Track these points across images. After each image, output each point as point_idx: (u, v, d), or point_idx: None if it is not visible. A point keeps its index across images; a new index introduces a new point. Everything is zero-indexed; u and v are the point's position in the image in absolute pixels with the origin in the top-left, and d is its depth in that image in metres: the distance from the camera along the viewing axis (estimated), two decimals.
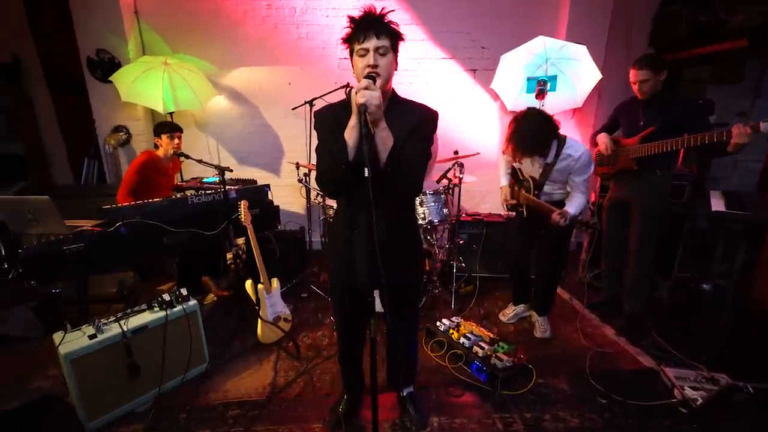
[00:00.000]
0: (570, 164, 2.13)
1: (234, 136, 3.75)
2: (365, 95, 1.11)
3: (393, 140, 1.21)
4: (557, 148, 2.14)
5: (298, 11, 3.45)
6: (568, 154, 2.12)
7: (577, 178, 2.15)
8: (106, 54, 3.23)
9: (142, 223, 2.03)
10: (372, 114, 1.13)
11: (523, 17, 3.55)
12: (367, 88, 1.12)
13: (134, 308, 1.94)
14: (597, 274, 3.25)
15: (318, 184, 1.36)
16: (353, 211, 1.38)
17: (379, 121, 1.17)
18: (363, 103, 1.10)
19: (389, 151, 1.20)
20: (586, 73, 3.17)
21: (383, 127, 1.19)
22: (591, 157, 2.16)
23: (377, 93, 1.12)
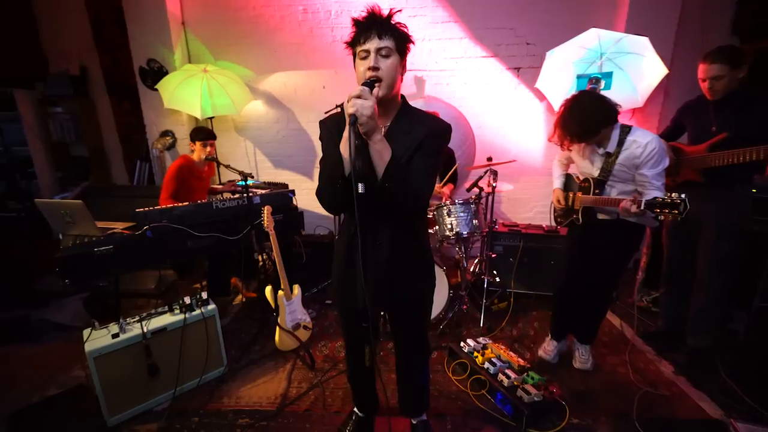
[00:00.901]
0: (636, 153, 1.77)
1: (269, 140, 3.82)
2: (356, 104, 1.00)
3: (391, 153, 1.09)
4: (619, 136, 1.82)
5: (333, 14, 3.43)
6: (632, 141, 1.78)
7: (648, 171, 1.76)
8: (156, 63, 3.44)
9: (167, 227, 2.10)
10: (364, 125, 1.03)
11: (575, 9, 3.22)
12: (359, 96, 1.01)
13: (156, 309, 2.01)
14: (656, 299, 2.85)
15: (318, 198, 1.27)
16: (355, 230, 1.28)
17: (373, 133, 1.06)
18: (353, 113, 1.00)
19: (386, 165, 1.08)
20: (649, 68, 2.79)
21: (378, 138, 1.07)
22: (664, 147, 1.78)
23: (370, 102, 1.01)
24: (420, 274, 1.39)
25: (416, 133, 1.20)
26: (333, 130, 1.25)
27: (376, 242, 1.26)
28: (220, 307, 2.89)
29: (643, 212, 1.65)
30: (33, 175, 3.68)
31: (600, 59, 2.84)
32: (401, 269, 1.31)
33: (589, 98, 1.82)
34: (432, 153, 1.22)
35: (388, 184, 1.09)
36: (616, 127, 1.82)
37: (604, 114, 1.78)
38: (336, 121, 1.28)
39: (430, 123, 1.24)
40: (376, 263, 1.26)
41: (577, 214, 2.08)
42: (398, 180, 1.10)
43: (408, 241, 1.32)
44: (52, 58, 3.82)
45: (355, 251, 1.27)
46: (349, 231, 1.30)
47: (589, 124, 1.78)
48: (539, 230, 2.99)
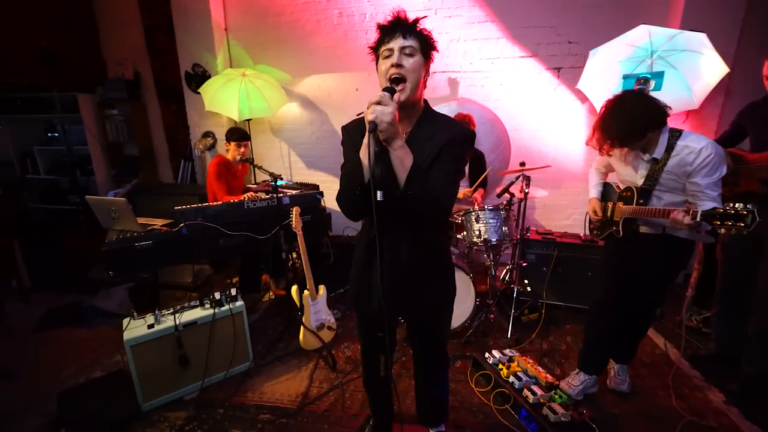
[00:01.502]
0: (688, 160, 1.58)
1: (303, 142, 3.91)
2: (375, 111, 0.99)
3: (412, 160, 1.07)
4: (669, 140, 1.64)
5: (367, 17, 3.45)
6: (684, 146, 1.60)
7: (701, 179, 1.56)
8: (200, 68, 3.63)
9: (201, 225, 2.20)
10: (384, 132, 1.01)
11: (624, 4, 3.01)
12: (379, 102, 1.00)
13: (189, 303, 2.11)
14: (706, 318, 2.61)
15: (337, 203, 1.28)
16: (374, 234, 1.27)
17: (394, 140, 1.04)
18: (372, 120, 0.98)
19: (408, 173, 1.06)
20: (708, 67, 2.55)
21: (399, 145, 1.05)
22: (722, 154, 1.57)
23: (390, 108, 0.99)
24: (439, 282, 1.35)
25: (438, 138, 1.17)
26: (355, 136, 1.25)
27: (395, 250, 1.24)
28: (250, 303, 3.02)
29: (697, 225, 1.47)
30: (91, 172, 4.01)
31: (650, 58, 2.64)
32: (420, 277, 1.28)
33: (634, 98, 1.67)
34: (454, 159, 1.18)
35: (410, 192, 1.07)
36: (664, 131, 1.66)
37: (651, 116, 1.61)
38: (359, 127, 1.27)
39: (453, 128, 1.20)
40: (394, 271, 1.24)
41: (617, 226, 1.90)
42: (419, 188, 1.08)
43: (428, 249, 1.29)
44: (110, 64, 4.14)
45: (374, 258, 1.26)
46: (368, 236, 1.29)
47: (632, 127, 1.62)
48: (576, 239, 2.83)
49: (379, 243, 1.13)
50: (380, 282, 1.11)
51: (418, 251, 1.25)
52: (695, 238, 1.74)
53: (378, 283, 1.17)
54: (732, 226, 1.36)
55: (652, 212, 1.68)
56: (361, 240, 1.35)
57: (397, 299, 1.27)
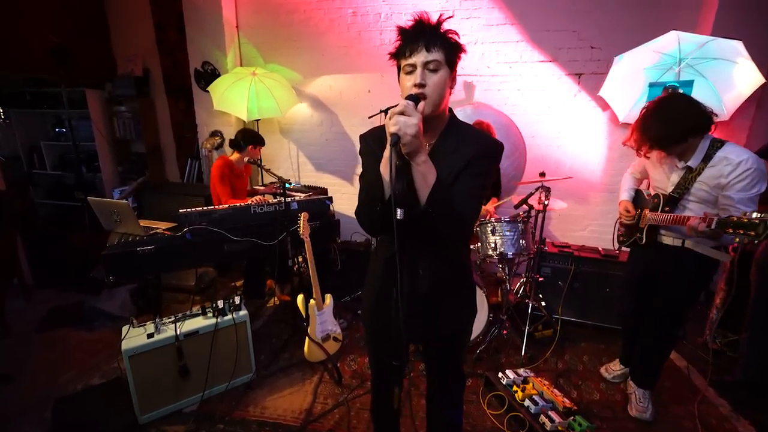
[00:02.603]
0: (724, 171, 1.50)
1: (313, 143, 3.83)
2: (399, 122, 0.89)
3: (436, 175, 0.97)
4: (708, 150, 1.56)
5: (382, 17, 3.35)
6: (723, 157, 1.51)
7: (735, 193, 1.48)
8: (209, 66, 3.56)
9: (205, 230, 2.12)
10: (407, 145, 0.91)
11: (652, 9, 2.88)
12: (402, 113, 0.90)
13: (191, 311, 2.03)
14: (732, 342, 2.47)
15: (356, 217, 1.18)
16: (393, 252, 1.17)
17: (417, 154, 0.94)
18: (395, 132, 0.89)
19: (430, 190, 0.96)
20: (741, 76, 2.42)
21: (423, 159, 0.95)
22: (764, 170, 1.48)
23: (415, 120, 0.89)
24: (462, 304, 1.25)
25: (463, 152, 1.07)
26: (375, 146, 1.15)
27: (416, 269, 1.14)
28: (254, 309, 2.94)
29: (713, 234, 1.41)
30: (97, 169, 3.96)
31: (678, 66, 2.51)
32: (442, 300, 1.18)
33: (682, 100, 1.60)
34: (480, 174, 1.08)
35: (432, 210, 0.97)
36: (706, 138, 1.58)
37: (696, 120, 1.54)
38: (378, 135, 1.17)
39: (480, 141, 1.10)
40: (414, 293, 1.14)
41: (641, 233, 1.86)
42: (443, 205, 0.98)
43: (450, 268, 1.19)
44: (119, 60, 4.10)
45: (393, 278, 1.16)
46: (387, 254, 1.19)
47: (674, 129, 1.54)
48: (595, 254, 2.70)
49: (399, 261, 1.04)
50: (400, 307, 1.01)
51: (440, 269, 1.16)
52: (711, 254, 1.67)
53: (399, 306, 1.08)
54: (744, 234, 1.30)
55: (672, 219, 1.63)
56: (378, 256, 1.25)
57: (418, 323, 1.17)
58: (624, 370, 2.23)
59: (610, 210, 3.35)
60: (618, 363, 2.27)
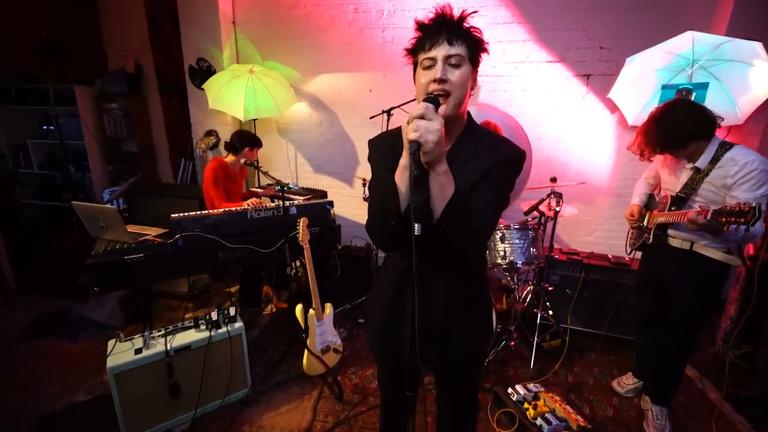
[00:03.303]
0: (729, 171, 1.52)
1: (311, 143, 3.70)
2: (419, 128, 0.78)
3: (454, 188, 0.86)
4: (716, 152, 1.58)
5: (385, 14, 3.23)
6: (730, 158, 1.54)
7: (742, 193, 1.49)
8: (205, 62, 3.43)
9: (198, 237, 1.99)
10: (428, 153, 0.80)
11: (664, 9, 2.79)
12: (422, 117, 0.79)
13: (182, 323, 1.90)
14: (747, 354, 2.39)
15: (367, 231, 1.06)
16: (408, 266, 1.06)
17: (438, 163, 0.83)
18: (415, 139, 0.77)
19: (446, 203, 0.85)
20: (758, 79, 2.33)
21: (443, 170, 0.84)
22: None
23: (437, 125, 0.78)
24: (480, 323, 1.15)
25: (483, 159, 0.96)
26: (386, 152, 1.04)
27: (429, 287, 1.03)
28: (250, 317, 2.82)
29: (711, 225, 1.44)
30: (87, 168, 3.81)
31: (691, 67, 2.42)
32: (459, 320, 1.07)
33: (685, 106, 1.65)
34: (499, 185, 0.98)
35: (446, 225, 0.86)
36: (713, 142, 1.61)
37: (697, 125, 1.59)
38: (389, 141, 1.06)
39: (501, 148, 0.99)
40: (428, 313, 1.03)
41: (649, 233, 1.86)
42: (459, 219, 0.87)
43: (466, 284, 1.08)
44: (111, 55, 3.94)
45: (407, 297, 1.05)
46: (398, 270, 1.08)
47: (675, 135, 1.61)
48: (605, 261, 2.61)
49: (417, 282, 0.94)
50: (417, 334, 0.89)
51: (457, 286, 1.05)
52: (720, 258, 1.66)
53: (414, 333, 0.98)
54: (735, 222, 1.34)
55: (675, 215, 1.66)
56: (389, 271, 1.13)
57: (431, 346, 1.05)
58: (637, 384, 2.14)
59: (617, 215, 3.26)
60: (631, 376, 2.18)
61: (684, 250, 1.76)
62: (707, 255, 1.69)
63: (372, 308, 1.21)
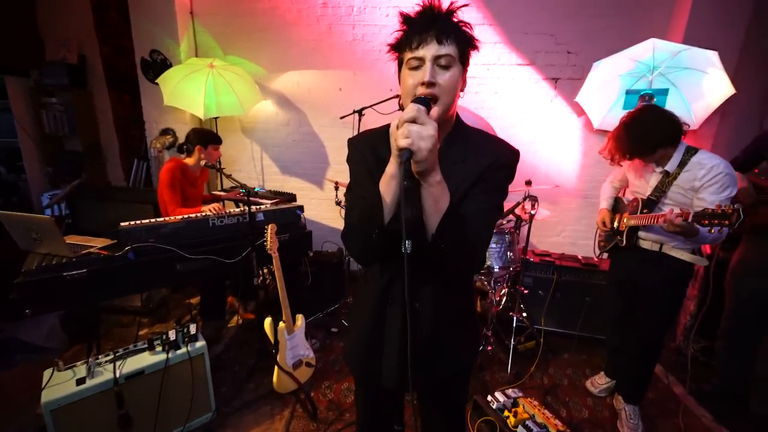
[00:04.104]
0: (697, 174, 1.59)
1: (278, 144, 3.52)
2: (411, 133, 0.69)
3: (449, 199, 0.78)
4: (683, 156, 1.64)
5: (355, 10, 3.12)
6: (697, 162, 1.60)
7: (708, 195, 1.55)
8: (159, 55, 3.15)
9: (153, 248, 1.79)
10: (421, 162, 0.71)
11: (626, 17, 2.88)
12: (414, 120, 0.70)
13: (135, 345, 1.70)
14: (705, 348, 2.51)
15: (343, 242, 0.96)
16: (390, 280, 0.97)
17: (431, 172, 0.74)
18: (406, 147, 0.68)
19: (442, 216, 0.77)
20: (711, 87, 2.45)
21: (437, 180, 0.76)
22: (734, 176, 1.57)
23: (430, 130, 0.70)
24: (468, 341, 1.08)
25: (474, 162, 0.89)
26: (367, 153, 0.94)
27: (414, 304, 0.95)
28: (214, 332, 2.61)
29: (688, 228, 1.47)
30: (21, 169, 3.40)
31: (651, 74, 2.52)
32: (447, 337, 0.99)
33: (655, 114, 1.68)
34: (495, 190, 0.91)
35: (442, 242, 0.78)
36: (681, 146, 1.66)
37: (666, 133, 1.64)
38: (371, 141, 0.96)
39: (495, 149, 0.92)
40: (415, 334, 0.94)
41: (621, 235, 1.90)
42: (455, 234, 0.79)
43: (455, 300, 1.01)
44: (49, 44, 3.55)
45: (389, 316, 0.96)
46: (379, 283, 0.98)
47: (644, 142, 1.65)
48: (575, 263, 2.65)
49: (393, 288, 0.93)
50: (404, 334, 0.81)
51: (446, 304, 0.97)
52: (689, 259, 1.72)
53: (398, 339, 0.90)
54: (718, 225, 1.36)
55: (650, 218, 1.68)
56: (368, 285, 1.03)
57: (420, 369, 0.97)
58: (609, 383, 2.18)
59: (584, 216, 3.36)
60: (603, 376, 2.22)
61: (654, 251, 1.80)
62: (676, 256, 1.74)
63: (353, 325, 1.11)
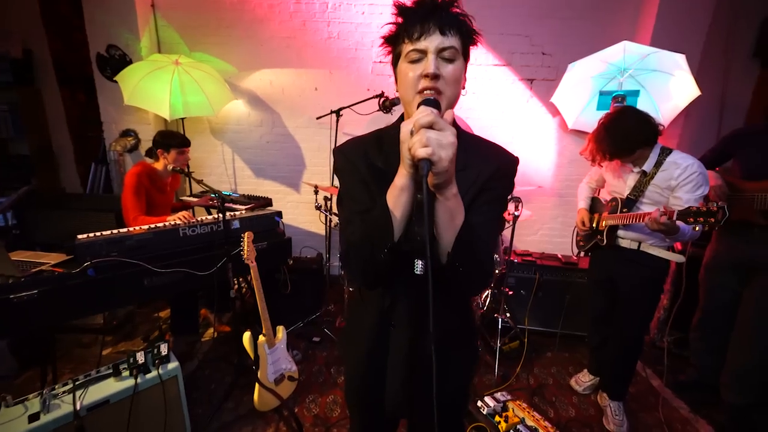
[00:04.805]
0: (673, 174, 1.64)
1: (251, 146, 3.36)
2: (430, 141, 0.61)
3: (464, 214, 0.71)
4: (659, 156, 1.70)
5: (329, 7, 3.02)
6: (672, 162, 1.66)
7: (684, 194, 1.62)
8: (117, 50, 2.92)
9: (117, 263, 1.63)
10: (440, 174, 0.64)
11: (595, 20, 2.95)
12: (431, 126, 0.62)
13: (98, 371, 1.53)
14: (678, 340, 2.61)
15: (343, 263, 0.87)
16: (392, 300, 0.89)
17: (449, 184, 0.67)
18: (427, 158, 0.61)
19: (458, 232, 0.71)
20: (678, 89, 2.54)
21: (453, 192, 0.69)
22: (706, 175, 1.64)
23: (450, 137, 0.63)
24: (470, 356, 1.02)
25: (474, 170, 0.83)
26: (358, 162, 0.86)
27: (416, 323, 0.88)
28: (187, 347, 2.44)
29: (671, 226, 1.51)
30: None
31: (622, 76, 2.59)
32: (452, 357, 0.93)
33: (633, 116, 1.72)
34: (498, 201, 0.86)
35: (457, 260, 0.72)
36: (656, 146, 1.72)
37: (645, 135, 1.68)
38: (361, 148, 0.88)
39: (495, 157, 0.87)
40: (416, 354, 0.88)
41: (601, 235, 1.93)
42: (471, 251, 0.73)
43: (458, 318, 0.95)
44: None
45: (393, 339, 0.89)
46: (380, 303, 0.91)
47: (624, 143, 1.69)
48: (556, 262, 2.69)
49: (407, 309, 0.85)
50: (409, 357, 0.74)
51: (449, 323, 0.91)
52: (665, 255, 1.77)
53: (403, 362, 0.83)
54: (704, 222, 1.40)
55: (633, 217, 1.71)
56: (367, 304, 0.96)
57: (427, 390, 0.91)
58: (593, 381, 2.22)
59: (560, 214, 3.42)
60: (587, 373, 2.26)
61: (632, 250, 1.84)
62: (654, 254, 1.79)
63: (348, 346, 1.03)
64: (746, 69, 3.02)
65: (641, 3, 2.90)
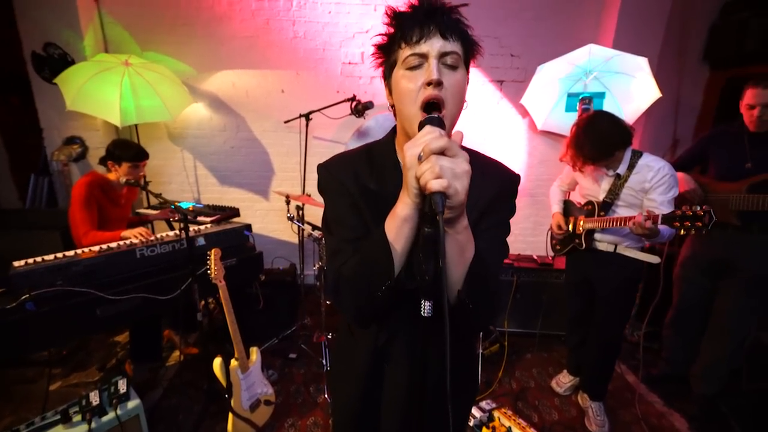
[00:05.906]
0: (646, 176, 1.67)
1: (214, 152, 3.16)
2: (444, 170, 0.53)
3: (475, 248, 0.64)
4: (630, 159, 1.73)
5: (294, 5, 2.88)
6: (644, 164, 1.69)
7: (658, 196, 1.66)
8: (57, 49, 2.63)
9: (61, 293, 1.44)
10: (455, 208, 0.56)
11: (563, 22, 3.01)
12: (443, 152, 0.54)
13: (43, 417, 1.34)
14: (650, 334, 2.70)
15: (333, 297, 0.76)
16: (387, 335, 0.81)
17: (460, 217, 0.60)
18: (442, 191, 0.52)
19: (468, 268, 0.63)
20: (640, 91, 2.63)
21: (464, 225, 0.61)
22: (676, 176, 1.69)
23: (464, 164, 0.55)
24: (470, 388, 0.96)
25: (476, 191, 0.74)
26: (349, 184, 0.76)
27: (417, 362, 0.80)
28: (150, 375, 2.24)
29: (655, 229, 1.52)
30: None
31: (587, 77, 2.65)
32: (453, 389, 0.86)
33: (607, 120, 1.72)
34: (502, 223, 0.80)
35: (468, 298, 0.64)
36: (627, 150, 1.73)
37: (622, 137, 1.69)
38: (349, 168, 0.78)
39: (497, 176, 0.81)
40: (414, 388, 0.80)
41: (579, 238, 1.94)
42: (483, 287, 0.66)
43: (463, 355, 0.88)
44: None
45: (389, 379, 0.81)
46: (374, 340, 0.82)
47: (603, 146, 1.68)
48: (532, 263, 2.71)
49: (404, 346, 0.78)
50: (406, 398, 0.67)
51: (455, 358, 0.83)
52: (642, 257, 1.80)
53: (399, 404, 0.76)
54: (691, 226, 1.42)
55: (615, 221, 1.71)
56: (357, 339, 0.87)
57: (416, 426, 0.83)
58: (574, 381, 2.24)
59: (531, 214, 3.48)
60: (567, 374, 2.28)
61: (609, 252, 1.86)
62: (630, 255, 1.81)
63: (337, 384, 0.93)
64: (697, 71, 3.19)
65: (603, 7, 2.98)
